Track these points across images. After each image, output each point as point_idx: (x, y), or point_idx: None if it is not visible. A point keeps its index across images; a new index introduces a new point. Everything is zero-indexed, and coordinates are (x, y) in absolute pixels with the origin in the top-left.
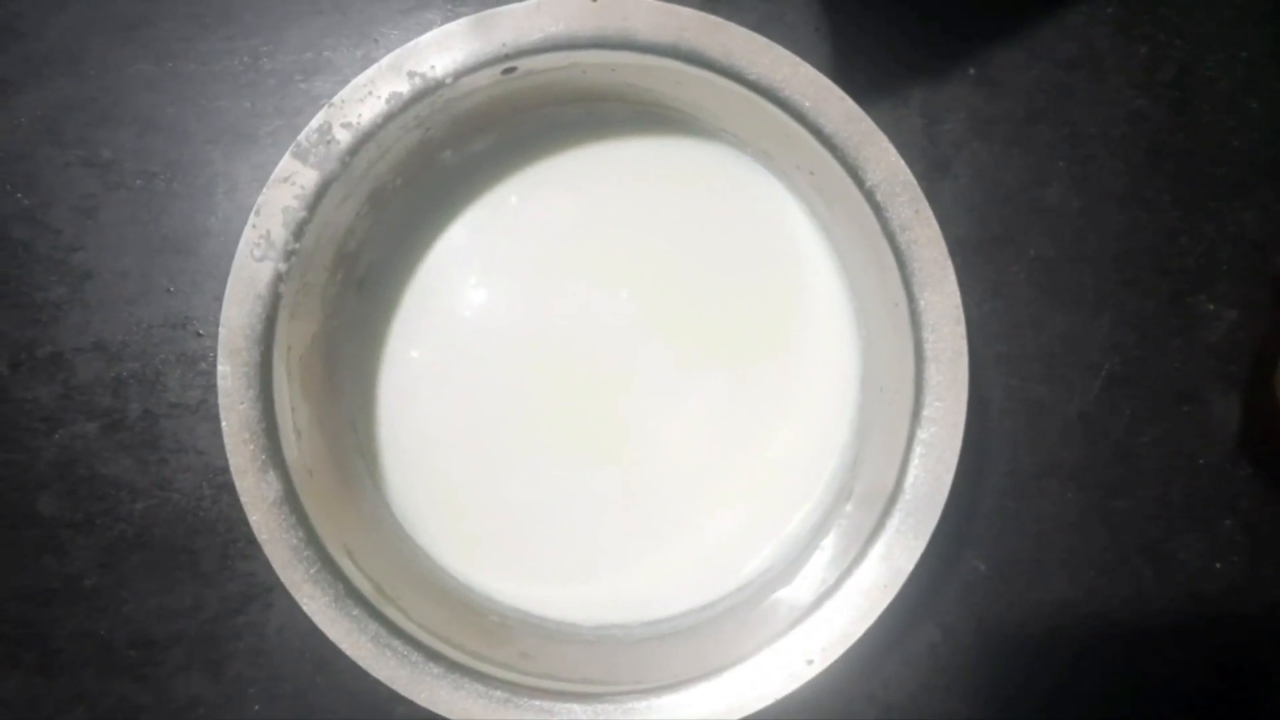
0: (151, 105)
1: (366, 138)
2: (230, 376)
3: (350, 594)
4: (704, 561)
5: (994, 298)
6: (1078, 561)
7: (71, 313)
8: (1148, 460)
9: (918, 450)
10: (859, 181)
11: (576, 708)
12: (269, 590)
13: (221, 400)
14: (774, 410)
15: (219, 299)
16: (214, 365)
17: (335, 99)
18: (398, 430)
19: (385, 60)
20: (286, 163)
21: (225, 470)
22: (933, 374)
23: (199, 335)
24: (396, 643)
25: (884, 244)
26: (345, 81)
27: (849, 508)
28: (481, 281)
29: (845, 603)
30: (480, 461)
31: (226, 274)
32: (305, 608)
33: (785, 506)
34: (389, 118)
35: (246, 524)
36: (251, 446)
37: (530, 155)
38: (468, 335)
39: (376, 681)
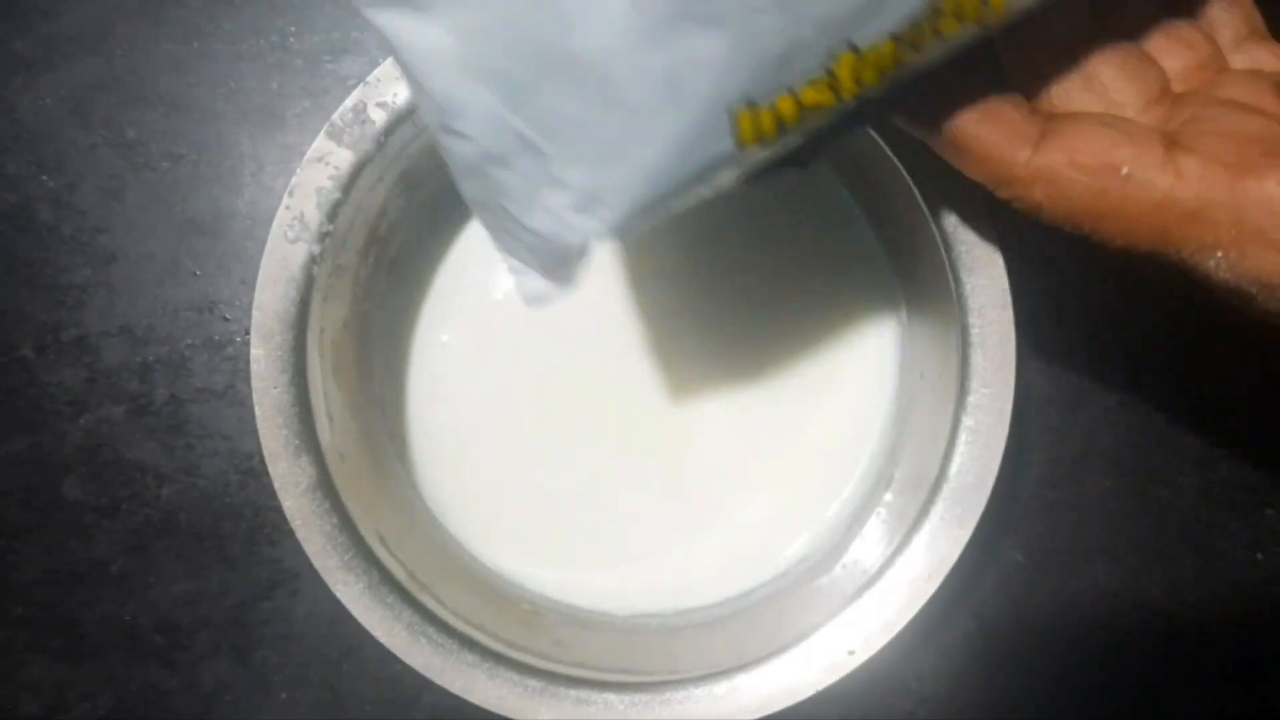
0: (178, 86)
1: (401, 118)
2: (264, 360)
3: (384, 581)
4: (739, 549)
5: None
6: (1116, 551)
7: (97, 296)
8: (1188, 448)
9: (963, 437)
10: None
11: (613, 697)
12: (295, 576)
13: (255, 384)
14: (811, 396)
15: (245, 282)
16: (240, 350)
17: (370, 78)
18: (428, 416)
19: None
20: (321, 143)
21: (251, 456)
22: (979, 360)
23: (225, 319)
24: (431, 630)
25: (930, 226)
26: (374, 62)
27: (889, 495)
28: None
29: (888, 592)
30: (511, 448)
31: (253, 257)
32: (339, 595)
33: (822, 493)
34: None
35: (273, 510)
36: (285, 431)
37: None
38: (499, 320)
39: (403, 669)
